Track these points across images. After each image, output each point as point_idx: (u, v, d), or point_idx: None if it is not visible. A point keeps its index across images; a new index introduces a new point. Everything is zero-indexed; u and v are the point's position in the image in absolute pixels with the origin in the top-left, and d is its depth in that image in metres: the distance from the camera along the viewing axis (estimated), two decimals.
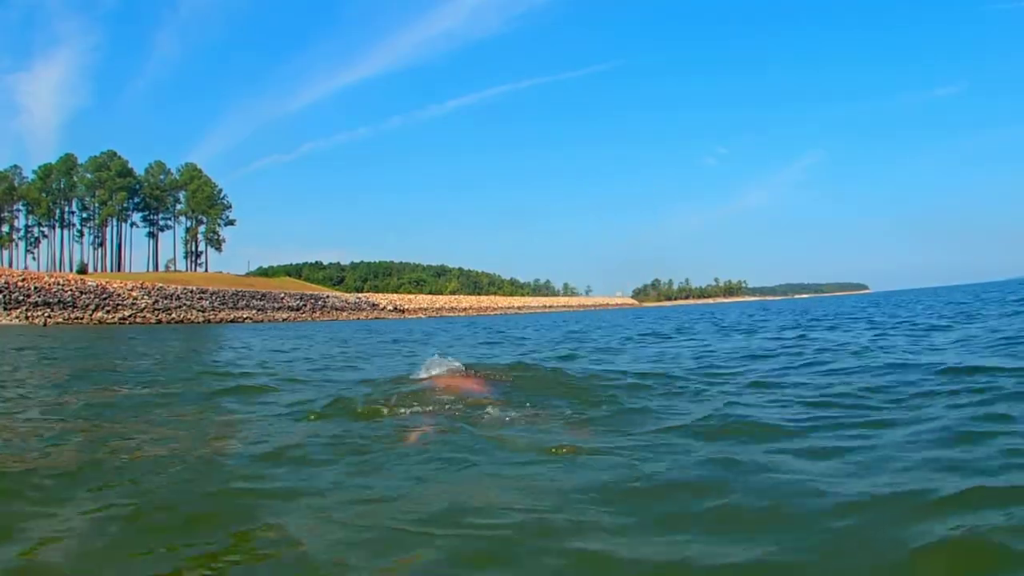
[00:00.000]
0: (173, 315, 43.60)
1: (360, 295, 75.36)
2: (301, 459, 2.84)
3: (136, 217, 78.21)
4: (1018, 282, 77.18)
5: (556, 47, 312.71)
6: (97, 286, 42.43)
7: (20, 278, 38.69)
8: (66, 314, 37.11)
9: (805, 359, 6.62)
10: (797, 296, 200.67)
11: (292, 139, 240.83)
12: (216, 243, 78.90)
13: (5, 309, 34.61)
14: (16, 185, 71.37)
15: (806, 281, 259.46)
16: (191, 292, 48.30)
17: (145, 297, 44.20)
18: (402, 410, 3.82)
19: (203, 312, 46.33)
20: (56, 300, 37.71)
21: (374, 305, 68.80)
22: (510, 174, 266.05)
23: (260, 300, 53.40)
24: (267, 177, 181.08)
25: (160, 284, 48.12)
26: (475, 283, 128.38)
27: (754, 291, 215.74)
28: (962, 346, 7.07)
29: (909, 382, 4.47)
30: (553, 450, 2.83)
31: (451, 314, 75.95)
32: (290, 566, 1.79)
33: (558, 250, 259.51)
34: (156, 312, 42.91)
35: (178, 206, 79.32)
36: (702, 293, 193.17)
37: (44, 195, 71.51)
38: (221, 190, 79.28)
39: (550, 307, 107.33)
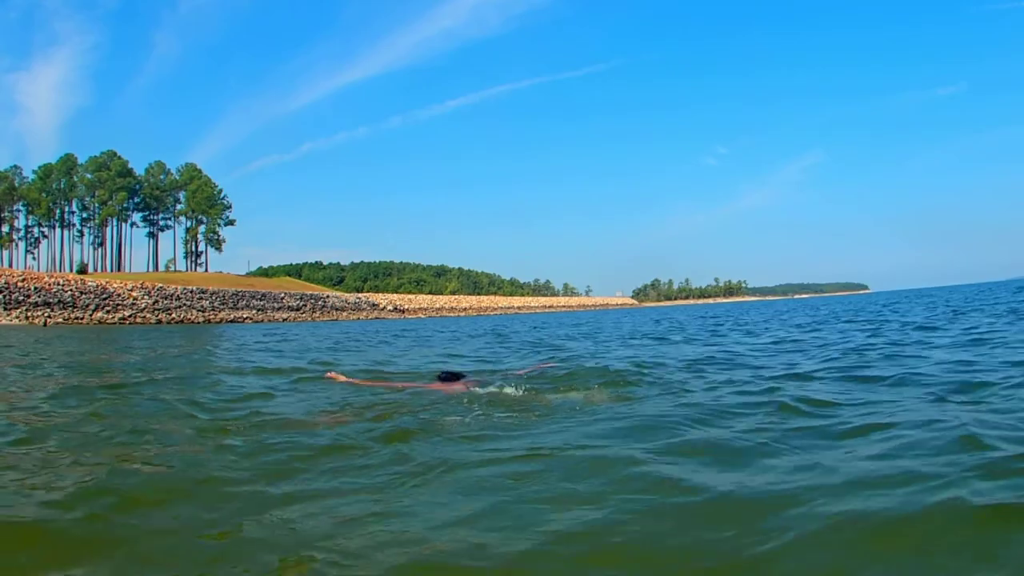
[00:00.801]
0: (173, 315, 43.67)
1: (360, 295, 75.43)
2: None
3: (136, 217, 78.29)
4: (1018, 282, 77.20)
5: (556, 47, 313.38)
6: (97, 286, 42.50)
7: (20, 278, 38.76)
8: (66, 314, 37.19)
9: None
10: (797, 296, 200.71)
11: (292, 139, 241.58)
12: (216, 243, 78.89)
13: (5, 309, 34.68)
14: (16, 185, 71.39)
15: (806, 281, 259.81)
16: (191, 292, 48.37)
17: (145, 297, 44.27)
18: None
19: (203, 312, 46.39)
20: (56, 300, 37.79)
21: (374, 305, 68.89)
22: (510, 174, 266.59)
23: (260, 300, 53.47)
24: (267, 177, 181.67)
25: (160, 284, 48.17)
26: (475, 283, 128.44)
27: (754, 291, 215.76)
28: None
29: None
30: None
31: (451, 314, 76.01)
32: None
33: (558, 250, 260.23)
34: (156, 312, 42.98)
35: (178, 206, 79.34)
36: (702, 293, 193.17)
37: (44, 195, 71.52)
38: (221, 190, 79.30)
39: (550, 307, 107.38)
